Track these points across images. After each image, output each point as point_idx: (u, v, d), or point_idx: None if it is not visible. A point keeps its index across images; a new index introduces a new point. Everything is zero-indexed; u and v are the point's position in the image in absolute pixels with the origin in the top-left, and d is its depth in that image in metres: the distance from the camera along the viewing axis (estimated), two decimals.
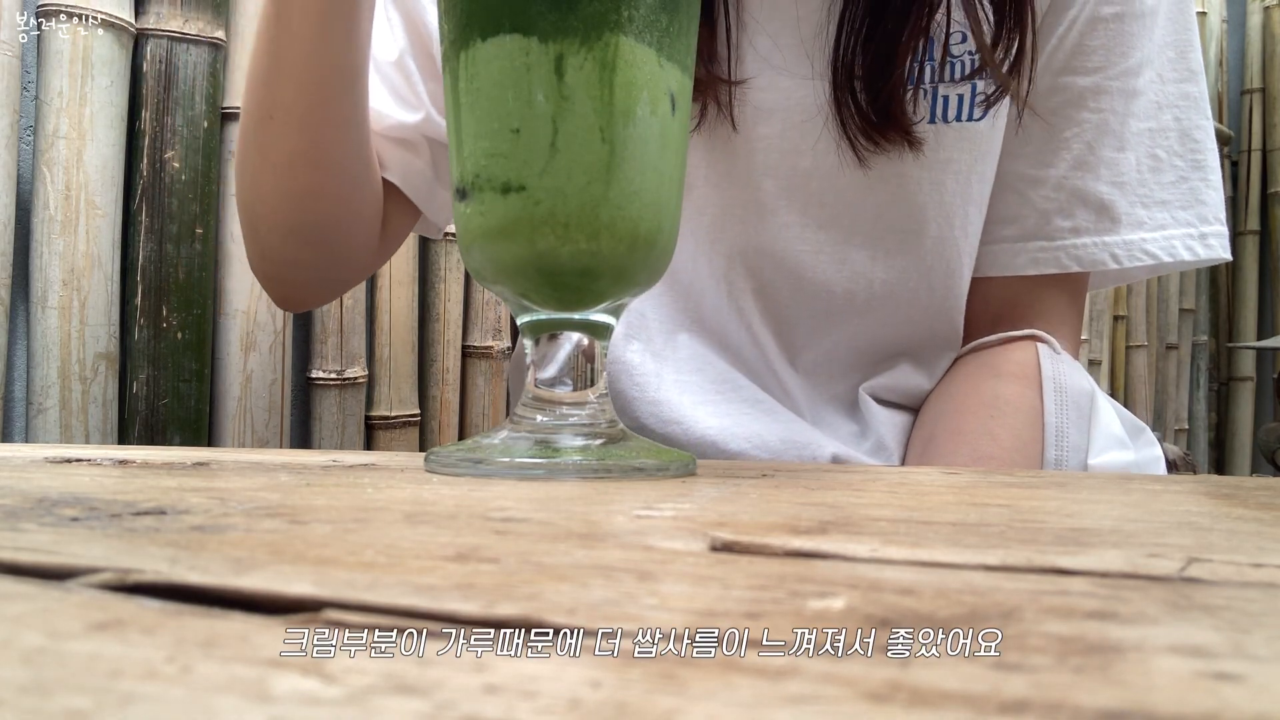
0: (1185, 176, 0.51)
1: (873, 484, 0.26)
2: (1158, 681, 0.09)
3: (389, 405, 0.80)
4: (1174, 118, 0.51)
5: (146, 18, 0.64)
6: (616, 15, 0.27)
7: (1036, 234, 0.51)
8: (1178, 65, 0.51)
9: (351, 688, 0.08)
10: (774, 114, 0.50)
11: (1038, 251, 0.51)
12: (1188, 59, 0.51)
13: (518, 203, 0.28)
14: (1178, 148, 0.51)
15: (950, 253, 0.51)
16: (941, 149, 0.49)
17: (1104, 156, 0.50)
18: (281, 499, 0.21)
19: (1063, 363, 0.51)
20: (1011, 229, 0.52)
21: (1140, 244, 0.50)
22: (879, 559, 0.15)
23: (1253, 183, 1.98)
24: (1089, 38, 0.49)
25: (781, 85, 0.50)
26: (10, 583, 0.12)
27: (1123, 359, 1.72)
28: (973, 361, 0.53)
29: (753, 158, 0.51)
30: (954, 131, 0.49)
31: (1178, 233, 0.51)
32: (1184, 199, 0.51)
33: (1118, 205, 0.50)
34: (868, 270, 0.52)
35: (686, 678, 0.09)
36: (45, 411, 0.59)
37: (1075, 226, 0.50)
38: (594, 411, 0.31)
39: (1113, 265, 0.50)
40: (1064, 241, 0.51)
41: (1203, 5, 1.94)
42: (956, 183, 0.49)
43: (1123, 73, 0.49)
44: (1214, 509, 0.22)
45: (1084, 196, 0.50)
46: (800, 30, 0.49)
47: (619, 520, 0.18)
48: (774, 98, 0.50)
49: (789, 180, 0.51)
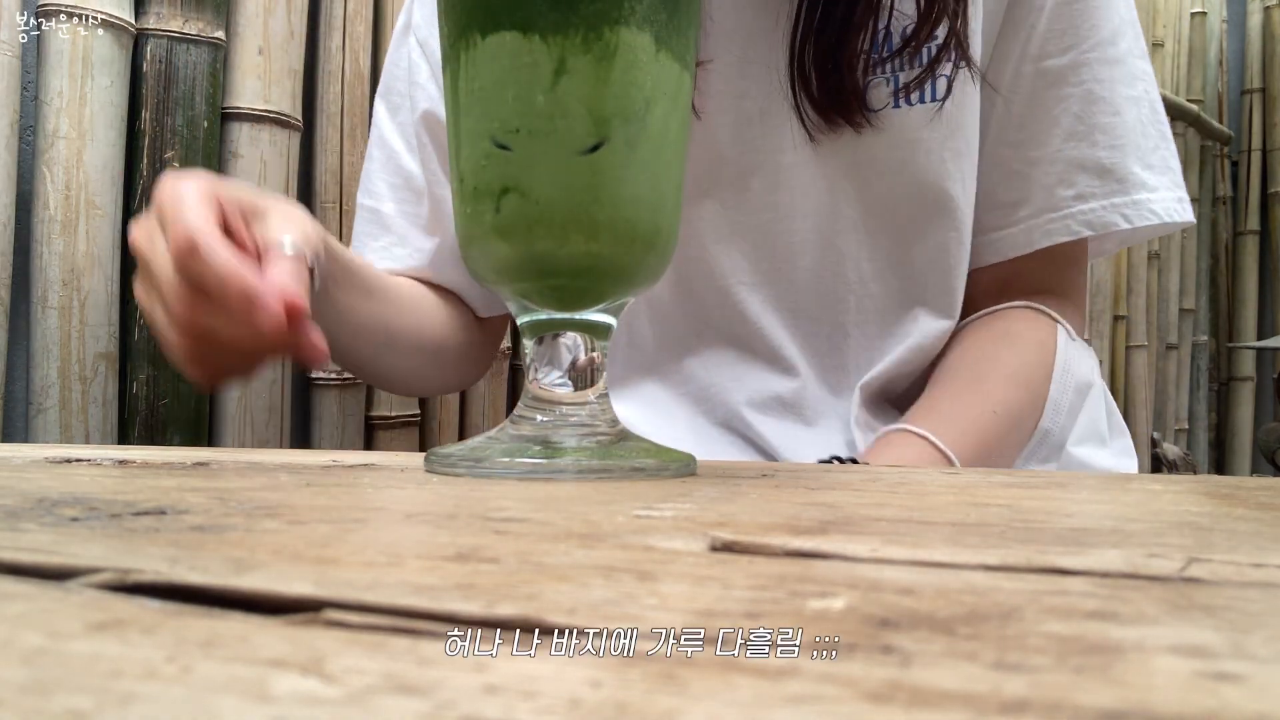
0: (1158, 145, 0.53)
1: (873, 484, 0.26)
2: (1158, 681, 0.09)
3: (389, 405, 0.80)
4: (1144, 90, 0.53)
5: (146, 18, 0.63)
6: (617, 13, 0.27)
7: (1045, 208, 0.53)
8: (1138, 43, 0.54)
9: (351, 688, 0.08)
10: (754, 118, 0.53)
11: (1048, 223, 0.53)
12: (1141, 39, 0.54)
13: (517, 203, 0.28)
14: (1149, 116, 0.53)
15: (934, 229, 0.52)
16: (908, 129, 0.51)
17: (1099, 123, 0.52)
18: (281, 499, 0.21)
19: (1075, 348, 0.53)
20: (1023, 210, 0.53)
21: (1147, 203, 0.52)
22: (879, 559, 0.15)
23: (1253, 183, 1.98)
24: (1056, 22, 0.52)
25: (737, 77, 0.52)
26: (10, 583, 0.12)
27: (1123, 359, 1.72)
28: (977, 323, 0.55)
29: (740, 160, 0.53)
30: (917, 113, 0.50)
31: (1168, 195, 0.53)
32: (1162, 163, 0.53)
33: (1120, 166, 0.52)
34: (857, 252, 0.53)
35: (686, 678, 0.09)
36: (45, 411, 0.59)
37: (1080, 193, 0.52)
38: (594, 411, 0.31)
39: (1124, 225, 0.51)
40: (1071, 209, 0.52)
41: (1203, 5, 1.94)
42: (929, 160, 0.51)
43: (1097, 44, 0.52)
44: (1214, 509, 0.22)
45: (1082, 163, 0.52)
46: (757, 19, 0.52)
47: (619, 520, 0.18)
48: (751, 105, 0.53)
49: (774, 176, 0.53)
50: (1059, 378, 0.51)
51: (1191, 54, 1.91)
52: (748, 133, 0.53)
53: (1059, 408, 0.51)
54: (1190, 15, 1.91)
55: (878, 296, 0.54)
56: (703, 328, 0.57)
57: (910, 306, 0.54)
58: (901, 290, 0.54)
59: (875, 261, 0.53)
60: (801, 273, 0.54)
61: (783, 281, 0.55)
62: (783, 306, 0.55)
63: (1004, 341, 0.52)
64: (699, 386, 0.57)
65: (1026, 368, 0.51)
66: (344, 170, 0.76)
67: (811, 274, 0.54)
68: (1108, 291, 1.68)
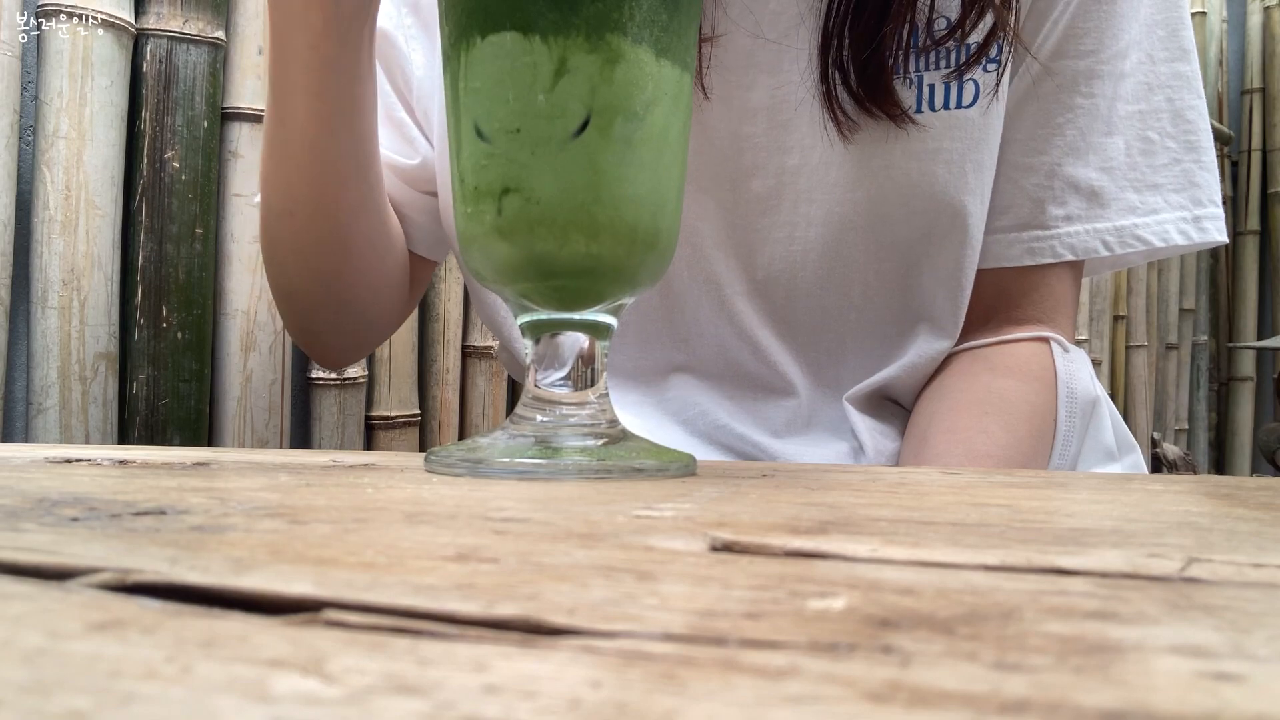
0: (1178, 159, 0.50)
1: (873, 484, 0.26)
2: (1158, 681, 0.09)
3: (389, 405, 0.80)
4: (1166, 99, 0.50)
5: (146, 18, 0.64)
6: (617, 14, 0.27)
7: (1031, 223, 0.50)
8: (1169, 44, 0.50)
9: (351, 688, 0.08)
10: (759, 113, 0.49)
11: (1033, 241, 0.50)
12: (1179, 37, 0.51)
13: (517, 203, 0.28)
14: (1170, 129, 0.50)
15: (948, 244, 0.49)
16: (929, 138, 0.47)
17: (1093, 142, 0.49)
18: (281, 499, 0.21)
19: (1073, 362, 0.50)
20: (1005, 219, 0.51)
21: (1132, 229, 0.49)
22: (879, 559, 0.15)
23: (1253, 183, 1.98)
24: (1081, 20, 0.48)
25: (764, 83, 0.49)
26: (10, 583, 0.12)
27: (1123, 359, 1.72)
28: (967, 357, 0.52)
29: (740, 158, 0.50)
30: (941, 120, 0.47)
31: (1171, 216, 0.50)
32: (1177, 181, 0.50)
33: (1107, 190, 0.49)
34: (863, 265, 0.50)
35: (686, 678, 0.09)
36: (45, 411, 0.59)
37: (1068, 214, 0.49)
38: (594, 412, 0.31)
39: (1104, 252, 0.49)
40: (1058, 230, 0.50)
41: (1203, 5, 1.94)
42: (949, 173, 0.48)
43: (1114, 55, 0.49)
44: (1214, 509, 0.22)
45: (1075, 183, 0.49)
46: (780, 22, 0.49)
47: (619, 520, 0.18)
48: (758, 96, 0.49)
49: (777, 179, 0.50)
50: (1065, 404, 0.48)
51: None
52: (750, 127, 0.50)
53: (1068, 441, 0.48)
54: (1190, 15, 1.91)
55: (881, 312, 0.51)
56: (690, 335, 0.54)
57: (915, 324, 0.51)
58: (906, 307, 0.51)
59: (883, 277, 0.50)
60: (802, 285, 0.51)
61: (780, 292, 0.52)
62: (779, 319, 0.52)
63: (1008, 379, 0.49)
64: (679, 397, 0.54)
65: (1029, 406, 0.48)
66: None
67: (813, 286, 0.51)
68: (1108, 291, 1.68)
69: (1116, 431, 0.53)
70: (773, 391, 0.53)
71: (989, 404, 0.48)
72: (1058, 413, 0.48)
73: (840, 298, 0.51)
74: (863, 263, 0.50)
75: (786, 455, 0.51)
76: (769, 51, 0.49)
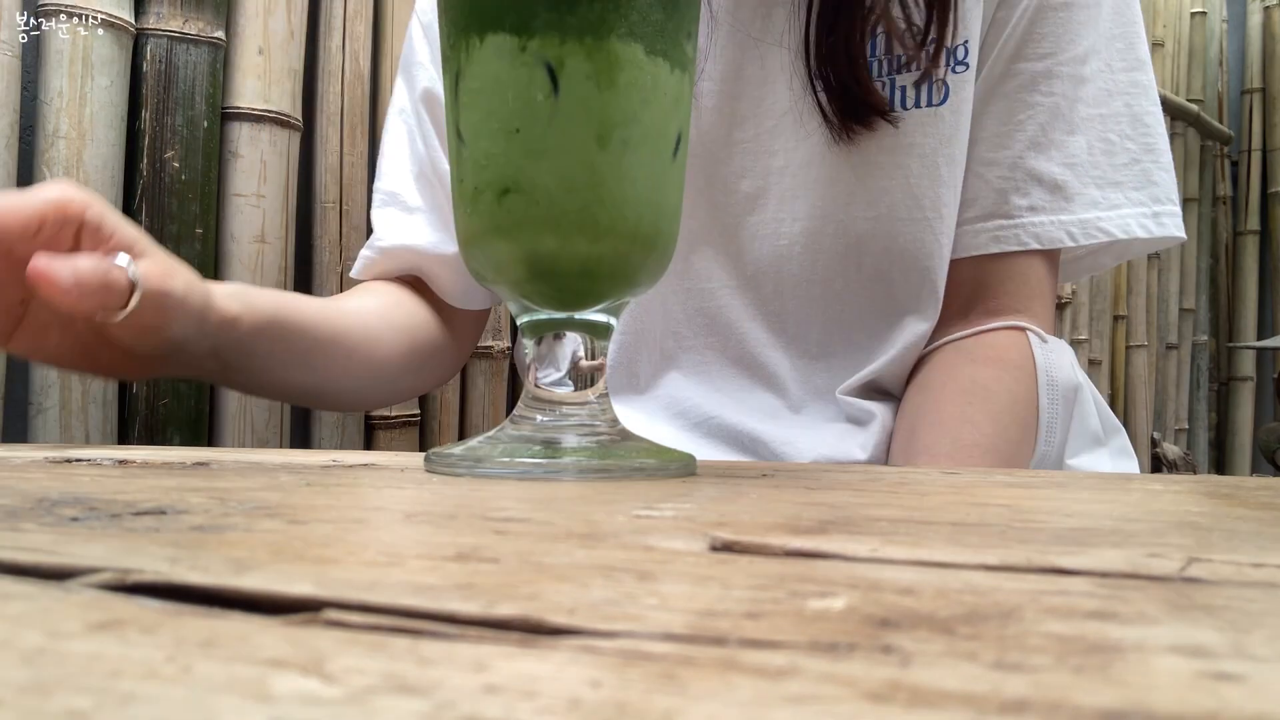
0: (1137, 159, 0.53)
1: (873, 484, 0.26)
2: (1158, 681, 0.09)
3: (389, 405, 0.80)
4: (1124, 104, 0.53)
5: (146, 18, 0.63)
6: (616, 14, 0.27)
7: (996, 213, 0.53)
8: (1126, 55, 0.53)
9: (351, 688, 0.08)
10: (748, 120, 0.53)
11: (997, 230, 0.53)
12: (1135, 49, 0.54)
13: (517, 203, 0.28)
14: (1129, 131, 0.53)
15: (924, 234, 0.52)
16: (904, 134, 0.51)
17: (1055, 139, 0.52)
18: (281, 499, 0.21)
19: (1052, 351, 0.52)
20: (971, 210, 0.53)
21: (1095, 222, 0.52)
22: (879, 559, 0.15)
23: (1253, 183, 1.98)
24: (1038, 25, 0.52)
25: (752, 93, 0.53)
26: (10, 583, 0.12)
27: (1123, 359, 1.72)
28: (948, 350, 0.54)
29: (731, 162, 0.54)
30: (913, 117, 0.51)
31: (1132, 211, 0.52)
32: (1137, 180, 0.53)
33: (1071, 185, 0.52)
34: (844, 256, 0.53)
35: (686, 678, 0.09)
36: (45, 411, 0.59)
37: (1032, 205, 0.52)
38: (594, 411, 0.31)
39: (1069, 243, 0.52)
40: (1022, 219, 0.52)
41: (1203, 5, 1.94)
42: (922, 165, 0.51)
43: (1071, 59, 0.52)
44: (1214, 509, 0.22)
45: (1038, 176, 0.52)
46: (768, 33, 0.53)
47: (619, 520, 0.18)
48: (746, 105, 0.53)
49: (764, 179, 0.54)
50: (1045, 391, 0.50)
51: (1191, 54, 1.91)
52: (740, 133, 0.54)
53: (1052, 428, 0.50)
54: (1190, 15, 1.91)
55: (864, 303, 0.54)
56: (680, 331, 0.57)
57: (897, 314, 0.53)
58: (890, 298, 0.53)
59: (863, 268, 0.53)
60: (788, 278, 0.54)
61: (769, 286, 0.55)
62: (769, 311, 0.55)
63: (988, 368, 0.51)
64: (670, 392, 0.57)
65: (1010, 395, 0.50)
66: (344, 170, 0.76)
67: (799, 279, 0.54)
68: (1108, 291, 1.68)
69: (1101, 415, 0.55)
70: (763, 383, 0.56)
71: (972, 394, 0.50)
72: (1039, 400, 0.51)
73: (825, 289, 0.54)
74: (843, 253, 0.53)
75: (780, 441, 0.53)
76: (756, 61, 0.53)
